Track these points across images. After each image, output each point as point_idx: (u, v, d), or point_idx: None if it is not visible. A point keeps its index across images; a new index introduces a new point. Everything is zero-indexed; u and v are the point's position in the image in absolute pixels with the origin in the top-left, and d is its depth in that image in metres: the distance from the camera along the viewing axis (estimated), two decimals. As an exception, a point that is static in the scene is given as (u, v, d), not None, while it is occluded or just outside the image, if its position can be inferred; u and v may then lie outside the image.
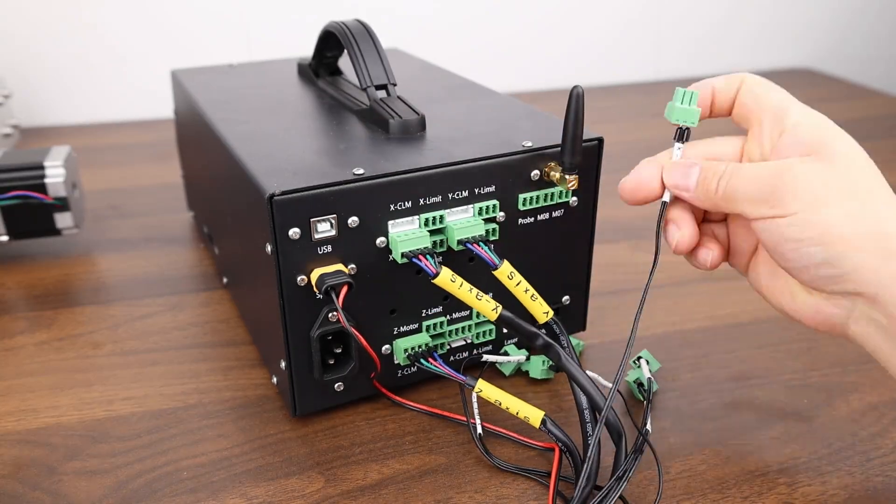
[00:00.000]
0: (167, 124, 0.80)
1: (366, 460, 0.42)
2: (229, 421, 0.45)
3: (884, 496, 0.39)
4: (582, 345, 0.50)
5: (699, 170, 0.38)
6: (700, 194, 0.38)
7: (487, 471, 0.41)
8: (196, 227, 0.71)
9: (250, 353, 0.51)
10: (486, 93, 0.56)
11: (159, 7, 1.01)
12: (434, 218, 0.42)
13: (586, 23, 1.17)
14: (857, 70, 1.31)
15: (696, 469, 0.41)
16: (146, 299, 0.59)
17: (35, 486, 0.40)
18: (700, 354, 0.51)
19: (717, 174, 0.37)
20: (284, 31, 1.06)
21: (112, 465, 0.42)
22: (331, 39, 0.56)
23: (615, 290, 0.58)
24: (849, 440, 0.43)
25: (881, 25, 1.30)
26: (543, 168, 0.44)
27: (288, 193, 0.38)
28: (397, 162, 0.42)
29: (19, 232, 0.62)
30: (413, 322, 0.45)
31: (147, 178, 0.83)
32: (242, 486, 0.40)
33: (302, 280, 0.40)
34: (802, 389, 0.47)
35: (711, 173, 0.37)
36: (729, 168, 0.37)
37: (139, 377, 0.49)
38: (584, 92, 0.40)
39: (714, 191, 0.37)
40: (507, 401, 0.41)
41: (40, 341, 0.53)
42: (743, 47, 1.25)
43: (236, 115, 0.52)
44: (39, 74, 1.02)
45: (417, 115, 0.47)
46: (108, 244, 0.68)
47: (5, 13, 0.98)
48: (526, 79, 1.17)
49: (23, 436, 0.44)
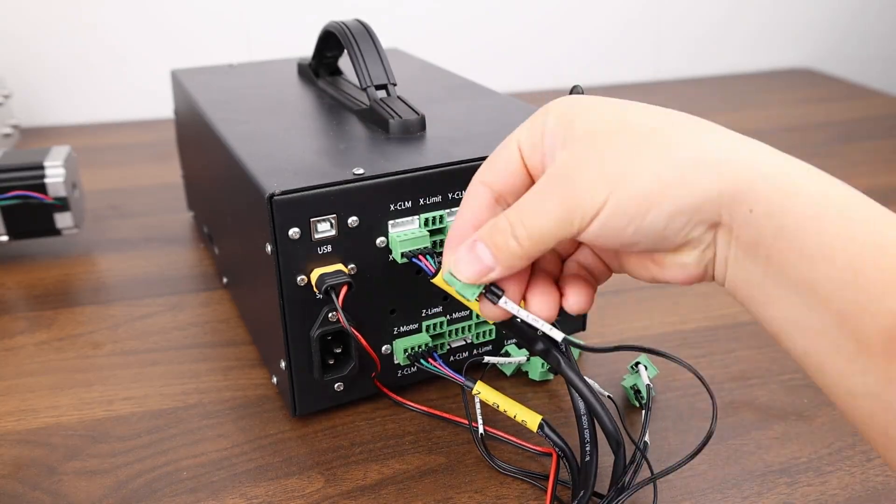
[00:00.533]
0: (167, 124, 0.80)
1: (366, 460, 0.42)
2: (229, 421, 0.45)
3: (884, 496, 0.39)
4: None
5: (482, 244, 0.32)
6: (508, 262, 0.31)
7: (487, 471, 0.41)
8: (196, 227, 0.71)
9: (250, 353, 0.51)
10: (486, 93, 0.56)
11: (159, 7, 1.01)
12: (434, 218, 0.42)
13: (586, 23, 1.17)
14: (857, 70, 1.31)
15: (696, 469, 0.41)
16: (146, 299, 0.59)
17: (35, 486, 0.40)
18: (700, 354, 0.51)
19: (505, 231, 0.31)
20: (284, 31, 1.06)
21: (112, 465, 0.42)
22: (331, 39, 0.56)
23: (615, 290, 0.58)
24: (849, 440, 0.43)
25: (881, 25, 1.30)
26: (543, 168, 0.44)
27: (288, 193, 0.38)
28: (397, 162, 0.42)
29: (19, 232, 0.62)
30: (413, 322, 0.45)
31: (147, 178, 0.83)
32: (242, 486, 0.40)
33: (302, 280, 0.40)
34: (802, 389, 0.47)
35: (500, 235, 0.31)
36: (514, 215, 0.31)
37: (139, 377, 0.49)
38: (584, 92, 0.40)
39: (519, 247, 0.31)
40: (505, 404, 0.41)
41: (40, 341, 0.53)
42: (743, 47, 1.25)
43: (236, 115, 0.52)
44: (39, 74, 1.02)
45: (417, 115, 0.47)
46: (108, 244, 0.68)
47: (5, 13, 0.98)
48: (526, 79, 1.17)
49: (23, 436, 0.44)
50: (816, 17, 1.27)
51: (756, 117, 1.03)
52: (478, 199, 0.34)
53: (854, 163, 0.86)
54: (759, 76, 1.24)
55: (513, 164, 0.33)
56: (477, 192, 0.34)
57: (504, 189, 0.33)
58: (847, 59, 1.31)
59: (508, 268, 0.32)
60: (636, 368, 0.46)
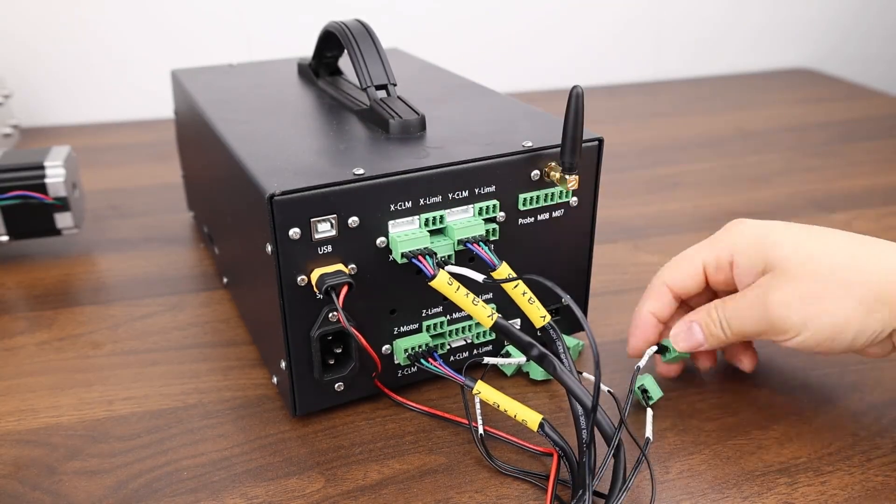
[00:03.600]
0: (167, 124, 0.80)
1: (366, 460, 0.42)
2: (229, 421, 0.45)
3: (884, 496, 0.39)
4: (581, 345, 0.50)
5: (697, 326, 0.43)
6: (714, 343, 0.43)
7: (487, 471, 0.41)
8: (196, 227, 0.71)
9: (250, 353, 0.51)
10: (486, 93, 0.56)
11: (159, 7, 1.01)
12: (434, 218, 0.42)
13: (586, 23, 1.17)
14: (857, 70, 1.31)
15: (696, 469, 0.41)
16: (146, 299, 0.59)
17: (35, 486, 0.40)
18: (700, 354, 0.50)
19: (715, 323, 0.42)
20: (284, 31, 1.06)
21: (112, 465, 0.42)
22: (331, 39, 0.56)
23: (615, 290, 0.58)
24: (849, 440, 0.43)
25: (881, 25, 1.30)
26: (543, 168, 0.44)
27: (288, 193, 0.38)
28: (397, 162, 0.42)
29: (19, 232, 0.62)
30: (413, 322, 0.45)
31: (147, 178, 0.83)
32: (242, 486, 0.40)
33: (302, 280, 0.40)
34: (802, 389, 0.47)
35: (712, 324, 0.42)
36: (721, 314, 0.42)
37: (139, 377, 0.49)
38: (583, 92, 0.40)
39: (724, 335, 0.42)
40: (505, 403, 0.41)
41: (40, 341, 0.53)
42: (743, 47, 1.25)
43: (236, 115, 0.52)
44: (39, 74, 1.02)
45: (417, 115, 0.47)
46: (108, 244, 0.68)
47: (5, 13, 0.98)
48: (526, 79, 1.17)
49: (23, 436, 0.44)
50: (816, 17, 1.27)
51: (756, 117, 1.03)
52: (662, 298, 0.45)
53: (854, 163, 0.86)
54: (760, 76, 1.24)
55: (696, 278, 0.44)
56: (661, 292, 0.45)
57: (683, 292, 0.45)
58: (847, 59, 1.31)
59: (712, 346, 0.43)
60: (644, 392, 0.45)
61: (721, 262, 0.43)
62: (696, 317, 0.43)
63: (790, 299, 0.39)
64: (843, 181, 0.81)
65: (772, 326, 0.40)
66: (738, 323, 0.41)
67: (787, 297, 0.39)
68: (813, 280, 0.39)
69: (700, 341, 0.43)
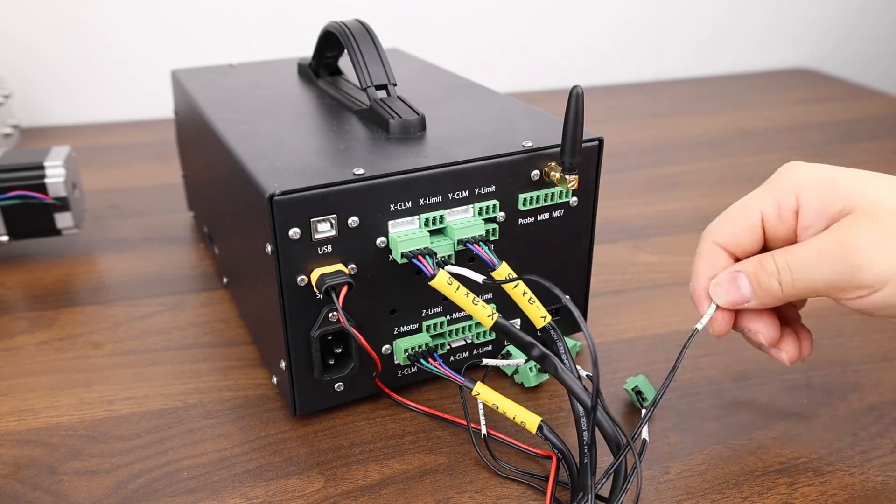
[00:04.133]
0: (167, 124, 0.80)
1: (366, 460, 0.42)
2: (229, 421, 0.45)
3: (884, 496, 0.39)
4: (579, 345, 0.50)
5: (745, 277, 0.36)
6: (765, 300, 0.36)
7: (487, 471, 0.41)
8: (196, 227, 0.71)
9: (250, 353, 0.51)
10: (486, 93, 0.56)
11: (159, 7, 1.01)
12: (434, 218, 0.42)
13: (586, 23, 1.17)
14: (858, 70, 1.31)
15: (696, 469, 0.41)
16: (146, 299, 0.59)
17: (35, 486, 0.40)
18: (700, 354, 0.50)
19: (771, 274, 0.35)
20: (284, 31, 1.06)
21: (112, 465, 0.42)
22: (331, 39, 0.56)
23: (615, 290, 0.58)
24: (849, 440, 0.43)
25: (881, 25, 1.30)
26: (543, 168, 0.44)
27: (288, 193, 0.38)
28: (397, 162, 0.42)
29: (19, 232, 0.62)
30: (413, 322, 0.45)
31: (147, 178, 0.83)
32: (242, 486, 0.40)
33: (302, 280, 0.40)
34: (802, 389, 0.47)
35: (765, 275, 0.35)
36: (782, 262, 0.35)
37: (139, 377, 0.49)
38: (583, 92, 0.40)
39: (780, 290, 0.35)
40: (504, 405, 0.41)
41: (40, 341, 0.53)
42: (743, 48, 1.25)
43: (236, 115, 0.52)
44: (39, 74, 1.02)
45: (417, 115, 0.47)
46: (108, 244, 0.68)
47: (5, 13, 0.98)
48: (526, 79, 1.17)
49: (23, 436, 0.44)
50: (817, 17, 1.27)
51: (756, 117, 1.03)
52: (716, 261, 0.37)
53: (854, 163, 0.85)
54: (760, 76, 1.24)
55: (754, 231, 0.37)
56: (713, 252, 0.38)
57: (739, 250, 0.37)
58: (848, 59, 1.31)
59: (762, 304, 0.36)
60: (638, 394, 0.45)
61: (784, 209, 0.36)
62: (745, 266, 0.36)
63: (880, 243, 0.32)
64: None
65: (853, 276, 0.33)
66: (807, 273, 0.34)
67: (876, 240, 0.33)
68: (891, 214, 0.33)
69: (746, 296, 0.36)
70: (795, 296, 0.35)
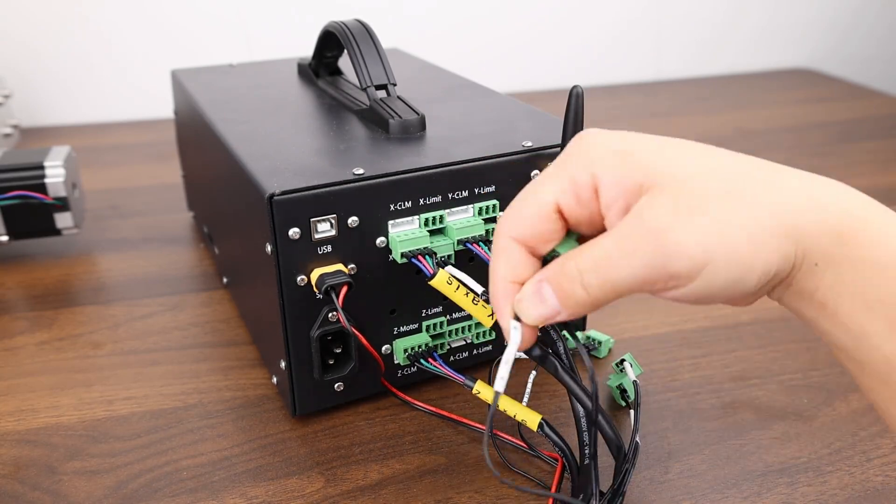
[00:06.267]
0: (167, 124, 0.80)
1: (366, 460, 0.42)
2: (229, 421, 0.45)
3: (884, 496, 0.39)
4: (612, 341, 0.51)
5: (548, 286, 0.30)
6: (575, 309, 0.30)
7: (487, 471, 0.41)
8: (196, 227, 0.71)
9: (250, 353, 0.51)
10: (486, 93, 0.56)
11: (159, 7, 1.01)
12: (434, 218, 0.42)
13: (586, 23, 1.17)
14: (857, 70, 1.31)
15: (696, 469, 0.41)
16: (146, 299, 0.59)
17: (35, 486, 0.40)
18: (700, 354, 0.51)
19: (573, 279, 0.29)
20: (284, 31, 1.06)
21: (112, 465, 0.42)
22: (331, 39, 0.56)
23: (615, 290, 0.58)
24: (849, 440, 0.43)
25: (881, 25, 1.30)
26: (543, 168, 0.44)
27: (288, 193, 0.38)
28: (397, 162, 0.42)
29: (19, 232, 0.62)
30: (413, 322, 0.45)
31: (147, 178, 0.83)
32: (242, 486, 0.40)
33: (302, 280, 0.40)
34: (802, 389, 0.47)
35: (567, 281, 0.29)
36: (585, 261, 0.29)
37: (139, 377, 0.49)
38: (583, 92, 0.40)
39: (587, 296, 0.29)
40: (505, 403, 0.41)
41: (41, 341, 0.53)
42: (743, 48, 1.25)
43: (236, 115, 0.52)
44: (39, 74, 1.02)
45: (417, 115, 0.47)
46: (108, 244, 0.68)
47: (5, 13, 0.97)
48: (526, 79, 1.17)
49: (23, 436, 0.44)
50: (816, 17, 1.27)
51: (756, 117, 1.03)
52: (511, 258, 0.31)
53: (854, 163, 0.86)
54: (760, 76, 1.24)
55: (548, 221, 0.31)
56: (509, 248, 0.31)
57: (540, 243, 0.31)
58: (847, 59, 1.31)
59: (573, 314, 0.30)
60: (621, 367, 0.45)
61: (581, 188, 0.30)
62: (547, 273, 0.30)
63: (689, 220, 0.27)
64: (843, 181, 0.80)
65: (666, 264, 0.27)
66: (616, 272, 0.28)
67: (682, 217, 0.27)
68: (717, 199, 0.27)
69: (554, 307, 0.30)
70: (610, 299, 0.29)
